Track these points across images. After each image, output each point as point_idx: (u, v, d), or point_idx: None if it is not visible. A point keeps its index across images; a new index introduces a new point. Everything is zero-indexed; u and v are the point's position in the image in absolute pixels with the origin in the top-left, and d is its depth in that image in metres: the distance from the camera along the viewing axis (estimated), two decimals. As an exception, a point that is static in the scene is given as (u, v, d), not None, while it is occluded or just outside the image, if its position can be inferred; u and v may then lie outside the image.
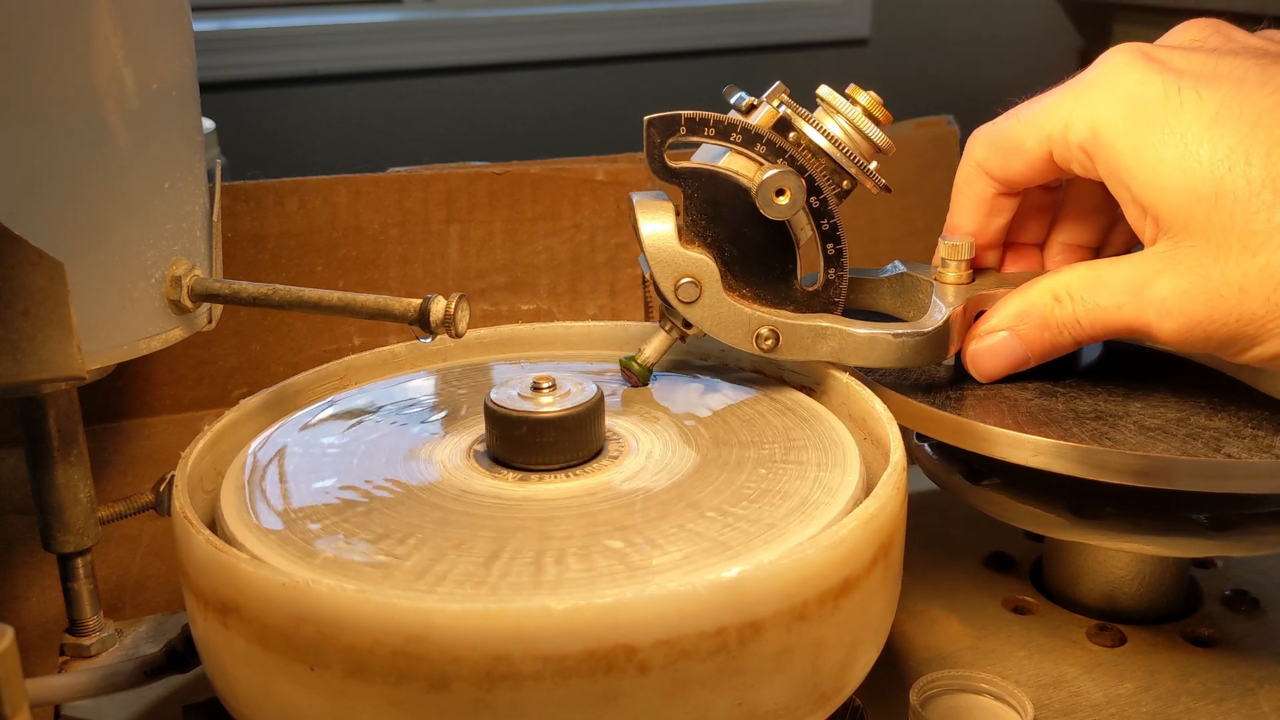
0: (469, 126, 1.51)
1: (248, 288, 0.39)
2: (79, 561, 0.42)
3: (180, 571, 0.33)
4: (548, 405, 0.37)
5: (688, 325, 0.43)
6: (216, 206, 0.43)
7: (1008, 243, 0.46)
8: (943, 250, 0.44)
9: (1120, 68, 0.39)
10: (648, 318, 0.66)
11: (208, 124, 0.66)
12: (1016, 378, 0.44)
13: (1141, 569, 0.46)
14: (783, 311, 0.42)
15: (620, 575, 0.31)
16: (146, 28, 0.37)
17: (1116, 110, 0.38)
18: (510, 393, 0.38)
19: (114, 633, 0.44)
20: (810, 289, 0.42)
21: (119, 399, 0.57)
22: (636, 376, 0.44)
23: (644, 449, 0.39)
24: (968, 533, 0.53)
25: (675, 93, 1.60)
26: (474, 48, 1.49)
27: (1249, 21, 0.42)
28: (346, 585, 0.29)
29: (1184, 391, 0.43)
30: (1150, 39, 0.41)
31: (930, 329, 0.41)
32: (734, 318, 0.41)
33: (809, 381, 0.45)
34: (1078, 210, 0.46)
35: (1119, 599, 0.47)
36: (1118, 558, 0.46)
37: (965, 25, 1.78)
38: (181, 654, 0.39)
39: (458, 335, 0.36)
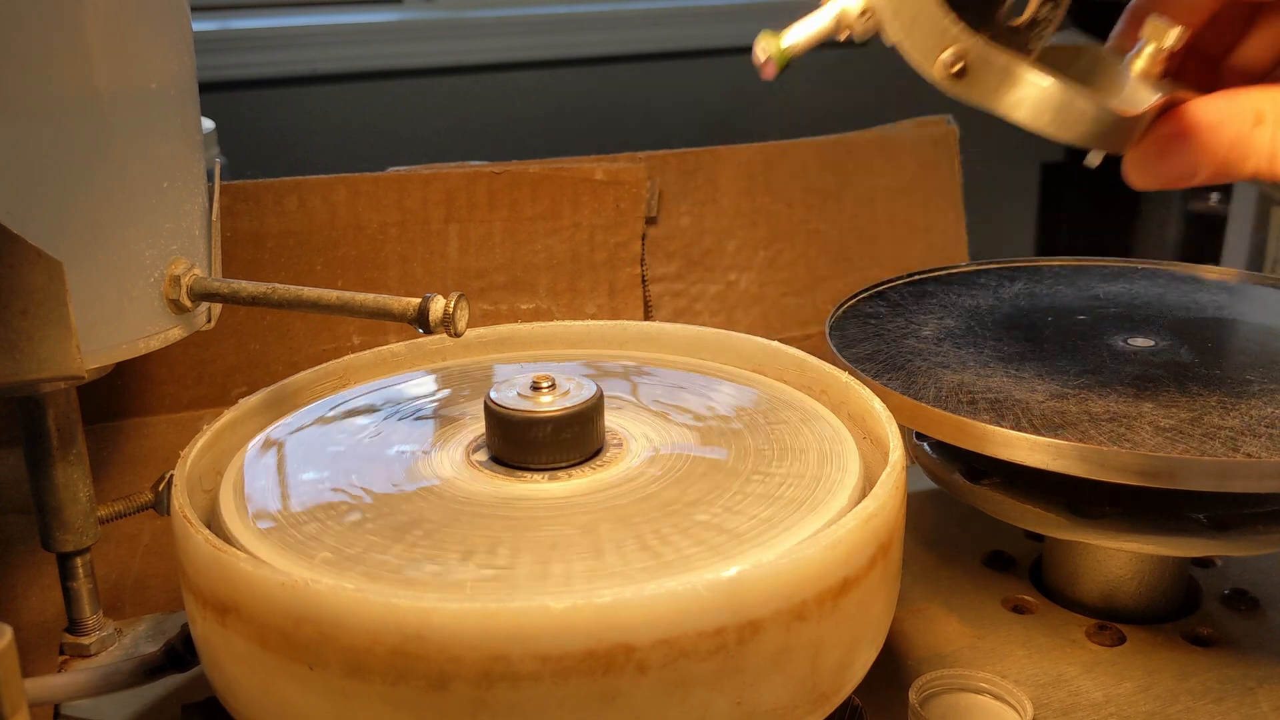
0: (469, 126, 1.51)
1: (247, 287, 0.39)
2: (78, 561, 0.42)
3: (179, 571, 0.34)
4: (547, 404, 0.37)
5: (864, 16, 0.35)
6: (216, 206, 0.43)
7: (1188, 48, 0.40)
8: (1148, 29, 0.38)
9: None
10: (647, 317, 0.66)
11: (208, 124, 0.66)
12: (1024, 379, 0.43)
13: (1141, 568, 0.46)
14: (980, 36, 0.35)
15: (619, 574, 0.31)
16: (146, 27, 0.37)
17: None
18: (510, 392, 0.38)
19: (113, 632, 0.44)
20: (1013, 24, 0.36)
21: (118, 398, 0.57)
22: (775, 63, 0.36)
23: (643, 448, 0.39)
24: (967, 532, 0.53)
25: (675, 93, 1.59)
26: (474, 48, 1.49)
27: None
28: (345, 584, 0.29)
29: (1192, 391, 0.43)
30: None
31: (1137, 111, 0.35)
32: (930, 21, 0.34)
33: (809, 381, 0.45)
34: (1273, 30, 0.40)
35: (1118, 598, 0.47)
36: (1117, 557, 0.46)
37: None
38: (181, 653, 0.39)
39: (457, 334, 0.36)
